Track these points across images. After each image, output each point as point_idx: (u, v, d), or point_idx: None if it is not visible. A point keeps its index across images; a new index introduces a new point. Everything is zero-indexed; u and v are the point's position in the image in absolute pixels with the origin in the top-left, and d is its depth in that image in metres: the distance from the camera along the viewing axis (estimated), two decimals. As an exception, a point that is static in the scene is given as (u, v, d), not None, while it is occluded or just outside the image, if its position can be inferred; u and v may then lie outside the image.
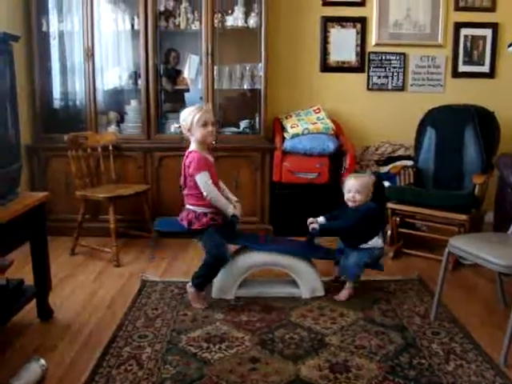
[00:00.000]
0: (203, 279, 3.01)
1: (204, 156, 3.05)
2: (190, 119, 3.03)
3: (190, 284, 3.02)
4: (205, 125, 3.03)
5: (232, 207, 3.06)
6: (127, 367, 2.35)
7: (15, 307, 2.62)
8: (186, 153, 3.08)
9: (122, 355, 2.45)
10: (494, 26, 4.72)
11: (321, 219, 3.21)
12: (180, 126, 3.12)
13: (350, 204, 3.16)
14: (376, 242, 3.15)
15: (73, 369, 2.36)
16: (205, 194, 2.98)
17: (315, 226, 3.14)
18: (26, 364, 2.23)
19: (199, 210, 3.03)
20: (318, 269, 3.25)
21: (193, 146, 3.08)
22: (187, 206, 3.09)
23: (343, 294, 3.14)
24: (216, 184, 3.08)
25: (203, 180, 2.98)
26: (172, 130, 3.08)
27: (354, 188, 3.13)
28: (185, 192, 3.10)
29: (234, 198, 3.21)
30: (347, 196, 3.17)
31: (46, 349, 2.51)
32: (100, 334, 2.69)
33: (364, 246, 3.13)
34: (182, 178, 3.10)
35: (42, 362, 2.26)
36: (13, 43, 2.61)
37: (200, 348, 2.53)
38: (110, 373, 2.30)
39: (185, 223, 3.05)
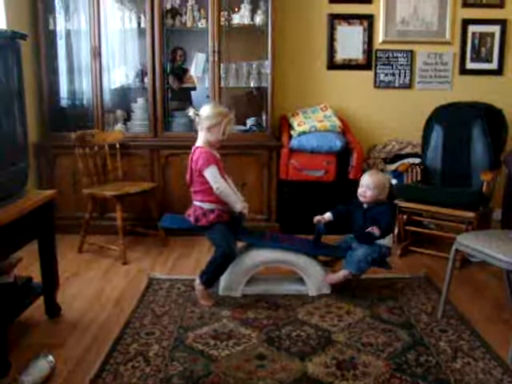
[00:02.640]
0: (212, 276, 3.02)
1: (212, 152, 3.05)
2: (217, 120, 3.00)
3: (198, 281, 3.02)
4: (224, 133, 3.04)
5: (240, 203, 3.06)
6: (135, 364, 2.36)
7: (23, 304, 2.63)
8: (193, 148, 3.08)
9: (129, 352, 2.46)
10: (502, 23, 4.70)
11: (328, 215, 3.21)
12: (198, 115, 3.04)
13: (361, 199, 3.16)
14: (388, 240, 3.14)
15: (80, 365, 2.37)
16: (215, 187, 2.96)
17: (322, 222, 3.15)
18: (35, 360, 2.24)
19: (206, 206, 3.03)
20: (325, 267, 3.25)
21: (200, 142, 3.07)
22: (194, 202, 3.09)
23: (331, 278, 3.11)
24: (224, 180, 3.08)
25: (212, 174, 2.97)
26: (190, 112, 3.04)
27: (366, 184, 3.13)
28: (192, 189, 3.10)
29: (242, 198, 3.20)
30: (359, 191, 3.17)
31: (53, 345, 2.52)
32: (107, 330, 2.70)
33: (378, 241, 3.10)
34: (189, 174, 3.09)
35: (50, 358, 2.28)
36: (20, 42, 2.62)
37: (207, 345, 2.53)
38: (117, 369, 2.31)
39: (192, 219, 3.06)
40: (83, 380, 2.23)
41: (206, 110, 3.04)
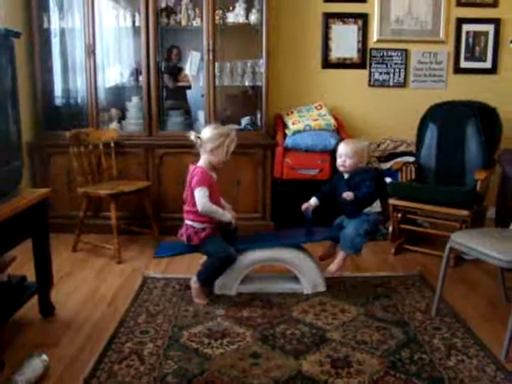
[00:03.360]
0: (210, 275, 3.04)
1: (209, 174, 3.05)
2: (218, 142, 3.01)
3: (195, 279, 3.03)
4: (228, 153, 3.04)
5: (227, 214, 3.07)
6: (129, 363, 2.36)
7: (17, 303, 2.62)
8: (192, 168, 3.08)
9: (123, 351, 2.46)
10: (496, 22, 4.71)
11: (313, 200, 3.23)
12: (199, 138, 3.04)
13: (341, 169, 3.15)
14: (376, 205, 3.13)
15: (74, 364, 2.37)
16: (199, 207, 2.97)
17: (308, 208, 3.17)
18: (28, 359, 2.23)
19: (198, 225, 3.04)
20: (320, 264, 3.25)
21: (201, 163, 3.08)
22: (186, 221, 3.10)
23: (334, 267, 3.11)
24: (217, 202, 3.09)
25: (201, 194, 2.97)
26: (192, 136, 3.03)
27: (344, 153, 3.12)
28: (185, 208, 3.11)
29: (231, 212, 3.20)
30: (338, 161, 3.16)
31: (48, 344, 2.52)
32: (102, 329, 2.69)
33: (368, 209, 3.10)
34: (186, 192, 3.10)
35: (44, 357, 2.27)
36: (14, 40, 2.61)
37: (201, 343, 2.53)
38: (111, 368, 2.31)
39: (184, 238, 3.07)
40: (77, 379, 2.23)
41: (207, 133, 3.05)
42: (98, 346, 2.51)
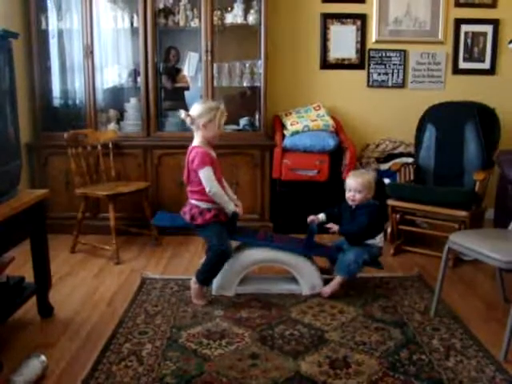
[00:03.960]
0: (208, 275, 3.02)
1: (208, 151, 3.03)
2: (210, 116, 2.98)
3: (195, 280, 3.02)
4: (220, 126, 3.03)
5: (233, 205, 3.06)
6: (127, 363, 2.35)
7: (16, 304, 2.62)
8: (190, 148, 3.05)
9: (122, 351, 2.46)
10: (494, 23, 4.72)
11: (321, 216, 3.22)
12: (189, 116, 3.01)
13: (350, 203, 3.16)
14: (379, 239, 3.15)
15: (73, 365, 2.36)
16: (207, 189, 2.95)
17: (315, 222, 3.15)
18: (27, 360, 2.23)
19: (203, 205, 3.02)
20: (318, 266, 3.25)
21: (196, 142, 3.06)
22: (190, 201, 3.07)
23: (327, 290, 3.10)
24: (219, 180, 3.07)
25: (206, 175, 2.96)
26: (182, 115, 3.02)
27: (353, 187, 3.13)
28: (188, 188, 3.09)
29: (235, 197, 3.20)
30: (347, 195, 3.17)
31: (46, 345, 2.51)
32: (100, 330, 2.69)
33: (370, 241, 3.12)
34: (186, 174, 3.07)
35: (43, 358, 2.26)
36: (12, 41, 2.61)
37: (200, 344, 2.53)
38: (110, 369, 2.30)
39: (187, 217, 3.04)
40: (76, 380, 2.22)
41: (196, 109, 3.03)
42: (97, 347, 2.50)
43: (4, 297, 2.58)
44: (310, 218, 3.20)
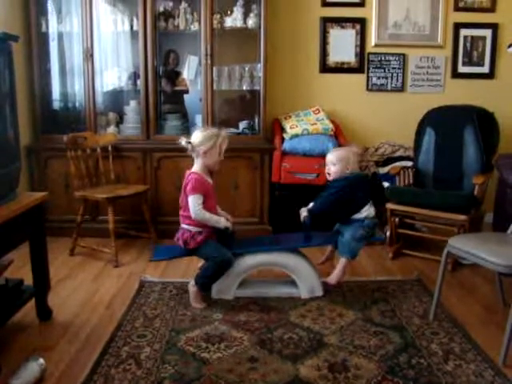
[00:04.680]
0: (208, 280, 3.02)
1: (204, 179, 3.04)
2: (210, 144, 2.99)
3: (193, 283, 3.02)
4: (221, 153, 3.03)
5: (223, 220, 3.06)
6: (126, 367, 2.35)
7: (14, 307, 2.62)
8: (187, 173, 3.06)
9: (120, 355, 2.45)
10: (493, 27, 4.73)
11: (311, 205, 3.22)
12: (190, 143, 3.02)
13: (327, 177, 3.17)
14: (368, 210, 3.13)
15: (72, 368, 2.36)
16: (192, 215, 2.97)
17: (305, 213, 3.14)
18: (25, 363, 2.23)
19: (194, 229, 3.03)
20: (317, 269, 3.25)
21: (196, 168, 3.06)
22: (182, 226, 3.09)
23: (333, 277, 3.11)
24: (213, 208, 3.08)
25: (193, 202, 2.96)
26: (183, 143, 3.02)
27: (329, 160, 3.15)
28: (181, 212, 3.09)
29: (224, 213, 3.20)
30: (325, 170, 3.18)
31: (45, 348, 2.51)
32: (99, 333, 2.69)
33: (357, 216, 3.10)
34: (181, 198, 3.09)
35: (41, 361, 2.26)
36: (12, 43, 2.61)
37: (199, 348, 2.53)
38: (108, 372, 2.30)
39: (180, 243, 3.06)
40: (74, 383, 2.22)
41: (197, 136, 3.03)
42: (96, 350, 2.50)
43: (3, 299, 2.57)
44: (302, 210, 3.19)
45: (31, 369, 2.21)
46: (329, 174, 3.16)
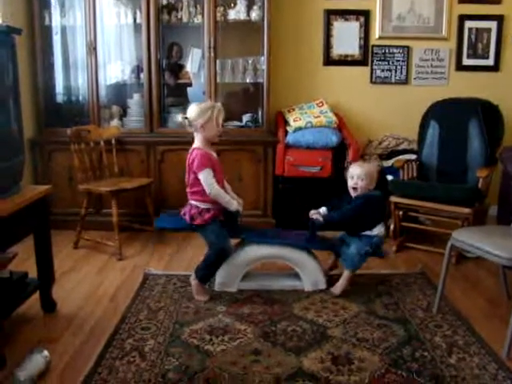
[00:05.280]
0: (207, 272, 3.03)
1: (208, 153, 3.03)
2: (207, 116, 2.99)
3: (194, 276, 3.03)
4: (218, 124, 3.03)
5: (235, 203, 3.06)
6: (130, 359, 2.36)
7: (19, 299, 2.63)
8: (190, 150, 3.06)
9: (124, 347, 2.46)
10: (499, 19, 4.69)
11: (323, 209, 3.20)
12: (187, 118, 3.04)
13: (352, 192, 3.14)
14: (379, 229, 3.13)
15: (76, 360, 2.37)
16: (207, 191, 2.97)
17: (319, 217, 3.12)
18: (30, 355, 2.24)
19: (203, 205, 3.03)
20: (321, 262, 3.25)
21: (197, 143, 3.06)
22: (190, 201, 3.08)
23: (338, 287, 3.11)
24: (220, 181, 3.07)
25: (206, 177, 2.96)
26: (179, 119, 3.03)
27: (356, 175, 3.11)
28: (188, 189, 3.09)
29: (236, 196, 3.20)
30: (350, 183, 3.15)
31: (49, 340, 2.52)
32: (103, 326, 2.70)
33: (368, 233, 3.11)
34: (187, 175, 3.09)
35: (46, 353, 2.28)
36: (16, 37, 2.61)
37: (202, 340, 2.53)
38: (112, 364, 2.31)
39: (187, 218, 3.05)
40: (78, 375, 2.23)
41: (193, 111, 3.03)
42: (100, 342, 2.51)
43: (7, 292, 2.58)
44: (312, 212, 3.19)
45: (36, 360, 2.22)
46: (355, 188, 3.12)
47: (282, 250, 3.15)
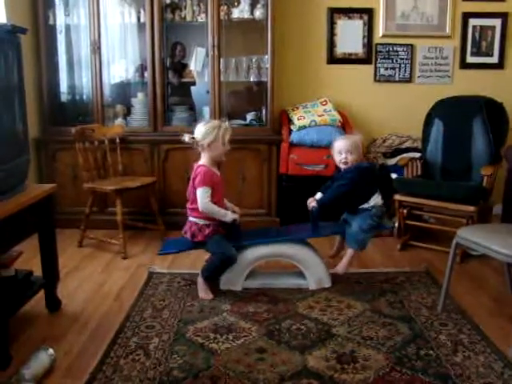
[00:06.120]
0: (212, 274, 3.07)
1: (212, 172, 3.05)
2: (213, 136, 3.00)
3: (200, 275, 3.06)
4: (224, 143, 3.04)
5: (230, 213, 3.07)
6: (135, 357, 2.36)
7: (24, 298, 2.63)
8: (195, 166, 3.08)
9: (129, 345, 2.47)
10: (503, 16, 4.68)
11: (318, 195, 3.20)
12: (194, 138, 3.05)
13: (342, 166, 3.13)
14: (376, 199, 3.11)
15: (81, 358, 2.38)
16: (200, 207, 2.99)
17: (314, 204, 3.11)
18: (35, 353, 2.24)
19: (201, 222, 3.05)
20: (325, 260, 3.24)
21: (203, 161, 3.08)
22: (190, 219, 3.11)
23: (340, 266, 3.11)
24: (219, 201, 3.08)
25: (201, 194, 2.98)
26: (186, 139, 3.03)
27: (344, 149, 3.10)
28: (188, 205, 3.11)
29: (231, 205, 3.22)
30: (339, 158, 3.13)
31: (54, 339, 2.53)
32: (108, 324, 2.70)
33: (365, 206, 3.09)
34: (189, 190, 3.10)
35: (51, 351, 2.28)
36: (20, 36, 2.61)
37: (207, 338, 2.54)
38: (117, 362, 2.32)
39: (188, 235, 3.08)
40: (83, 373, 2.24)
41: (199, 131, 3.04)
42: (104, 341, 2.51)
43: (12, 291, 2.59)
44: (309, 200, 3.18)
45: (41, 359, 2.23)
46: (345, 162, 3.11)
47: (286, 249, 3.15)
